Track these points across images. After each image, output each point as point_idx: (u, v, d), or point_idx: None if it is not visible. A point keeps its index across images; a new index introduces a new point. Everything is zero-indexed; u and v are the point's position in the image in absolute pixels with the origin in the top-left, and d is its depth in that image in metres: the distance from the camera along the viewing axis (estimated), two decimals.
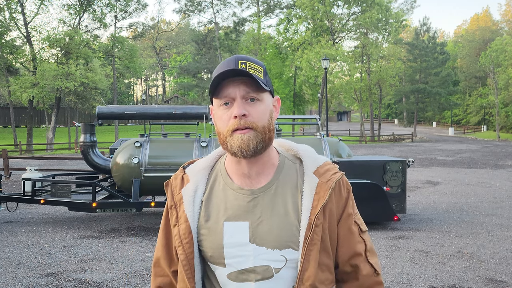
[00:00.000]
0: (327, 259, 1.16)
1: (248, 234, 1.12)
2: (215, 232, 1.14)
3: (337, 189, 1.18)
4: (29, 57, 32.45)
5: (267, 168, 1.17)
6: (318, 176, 1.17)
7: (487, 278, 4.97)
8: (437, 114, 60.68)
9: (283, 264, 1.12)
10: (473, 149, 27.43)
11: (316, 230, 1.11)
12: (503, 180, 13.33)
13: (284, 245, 1.12)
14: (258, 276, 1.12)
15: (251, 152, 1.09)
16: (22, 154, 26.07)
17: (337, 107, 60.72)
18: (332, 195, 1.16)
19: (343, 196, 1.20)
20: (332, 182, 1.16)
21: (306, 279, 1.11)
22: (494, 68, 44.34)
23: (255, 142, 1.09)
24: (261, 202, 1.14)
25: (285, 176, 1.18)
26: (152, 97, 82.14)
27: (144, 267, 5.39)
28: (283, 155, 1.22)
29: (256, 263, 1.12)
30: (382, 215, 7.20)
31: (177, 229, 1.18)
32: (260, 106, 1.12)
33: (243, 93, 1.10)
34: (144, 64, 60.33)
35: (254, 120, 1.10)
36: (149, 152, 7.45)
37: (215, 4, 47.21)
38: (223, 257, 1.14)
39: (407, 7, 47.51)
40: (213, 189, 1.20)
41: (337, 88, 40.37)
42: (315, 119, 9.07)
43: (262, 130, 1.10)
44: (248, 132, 1.09)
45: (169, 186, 1.25)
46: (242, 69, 1.08)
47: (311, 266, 1.11)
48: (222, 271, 1.15)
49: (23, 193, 7.99)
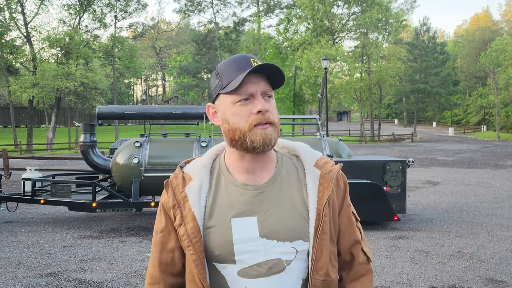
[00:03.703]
0: (334, 248, 1.22)
1: (257, 228, 1.13)
2: (222, 229, 1.13)
3: (336, 180, 1.23)
4: (29, 57, 32.44)
5: (268, 164, 1.21)
6: (319, 168, 1.21)
7: (487, 278, 4.96)
8: (437, 114, 60.70)
9: (294, 256, 1.14)
10: (473, 149, 27.43)
11: (325, 220, 1.16)
12: (503, 180, 13.33)
13: (295, 237, 1.14)
14: (270, 270, 1.12)
15: (271, 147, 1.14)
16: (22, 154, 26.07)
17: (337, 107, 60.69)
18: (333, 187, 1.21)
19: (341, 187, 1.25)
20: (333, 173, 1.21)
21: (320, 268, 1.15)
22: (494, 68, 44.33)
23: (275, 136, 1.13)
24: (267, 196, 1.15)
25: (286, 170, 1.22)
26: (152, 97, 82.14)
27: (144, 267, 5.39)
28: (280, 152, 1.26)
29: (267, 257, 1.12)
30: (382, 215, 7.21)
31: (183, 228, 1.15)
32: (273, 103, 1.17)
33: (264, 90, 1.13)
34: (144, 64, 60.34)
35: (272, 116, 1.14)
36: (149, 152, 7.45)
37: (215, 4, 47.22)
38: (233, 253, 1.12)
39: (407, 7, 47.55)
40: (217, 187, 1.19)
41: (337, 88, 40.37)
42: (315, 119, 9.07)
43: (277, 126, 1.15)
44: (269, 127, 1.12)
45: (169, 185, 1.23)
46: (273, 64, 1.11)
47: (324, 255, 1.15)
48: (232, 269, 1.13)
49: (23, 193, 7.99)
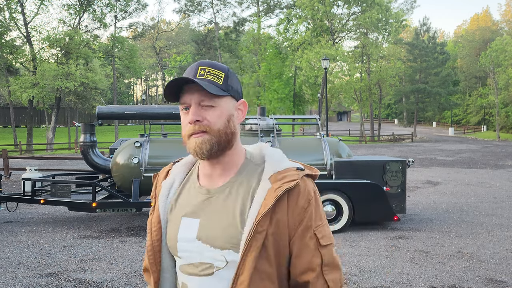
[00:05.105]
0: (268, 268, 1.13)
1: (196, 231, 1.18)
2: (174, 225, 1.22)
3: (293, 197, 1.14)
4: (29, 57, 32.42)
5: (228, 170, 1.21)
6: (272, 182, 1.15)
7: (487, 278, 4.96)
8: (437, 114, 60.70)
9: (224, 264, 1.14)
10: (473, 149, 27.43)
11: (257, 237, 1.11)
12: (503, 180, 13.33)
13: (226, 246, 1.14)
14: (201, 272, 1.16)
15: (205, 155, 1.15)
16: (22, 154, 26.07)
17: (337, 107, 60.74)
18: (282, 203, 1.13)
19: (300, 206, 1.15)
20: (281, 190, 1.12)
21: (240, 282, 1.12)
22: (494, 68, 44.31)
23: (208, 145, 1.14)
24: (213, 202, 1.18)
25: (243, 179, 1.19)
26: (152, 97, 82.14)
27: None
28: (249, 159, 1.23)
29: (201, 260, 1.16)
30: (382, 215, 7.21)
31: (151, 217, 1.27)
32: (216, 111, 1.16)
33: (198, 100, 1.15)
34: (144, 64, 60.33)
35: (208, 124, 1.14)
36: (149, 152, 7.45)
37: (215, 4, 47.20)
38: (177, 250, 1.20)
39: (407, 7, 47.48)
40: (184, 185, 1.27)
41: (337, 88, 40.36)
42: (315, 119, 9.07)
43: (217, 133, 1.15)
44: (202, 136, 1.14)
45: (156, 178, 1.35)
46: (190, 78, 1.12)
47: (246, 271, 1.11)
48: (178, 262, 1.23)
49: (23, 193, 7.98)
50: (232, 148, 1.20)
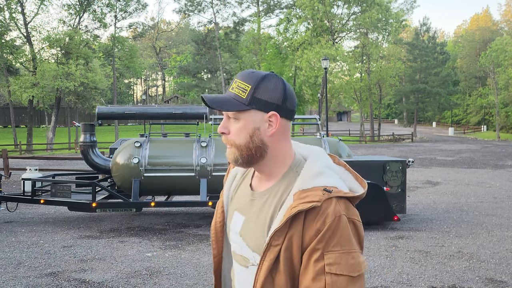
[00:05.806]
0: (281, 279, 1.13)
1: (240, 227, 1.27)
2: (230, 215, 1.34)
3: (310, 218, 1.11)
4: (29, 57, 32.42)
5: (272, 176, 1.24)
6: (295, 199, 1.14)
7: (487, 278, 4.97)
8: (437, 114, 60.70)
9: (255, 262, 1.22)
10: (473, 149, 27.43)
11: (272, 249, 1.13)
12: (503, 180, 13.33)
13: (254, 249, 1.21)
14: (242, 262, 1.26)
15: (234, 164, 1.24)
16: (22, 154, 26.07)
17: (337, 107, 60.75)
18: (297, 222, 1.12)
19: (315, 227, 1.10)
20: (294, 211, 1.10)
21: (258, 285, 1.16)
22: (494, 68, 44.31)
23: (233, 156, 1.22)
24: (255, 205, 1.25)
25: (280, 188, 1.21)
26: (152, 97, 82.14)
27: (144, 267, 5.39)
28: (292, 167, 1.22)
29: (242, 253, 1.26)
30: (382, 215, 7.21)
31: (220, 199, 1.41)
32: (238, 124, 1.19)
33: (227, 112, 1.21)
34: (144, 64, 60.35)
35: (232, 138, 1.21)
36: (149, 152, 7.45)
37: (215, 4, 47.20)
38: (229, 237, 1.33)
39: (407, 7, 47.52)
40: (243, 180, 1.36)
41: (337, 88, 40.35)
42: (315, 119, 9.07)
43: (239, 148, 1.20)
44: (230, 148, 1.23)
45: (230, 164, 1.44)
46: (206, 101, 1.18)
47: (260, 279, 1.15)
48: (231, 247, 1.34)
49: (23, 193, 7.98)
50: (265, 158, 1.21)
